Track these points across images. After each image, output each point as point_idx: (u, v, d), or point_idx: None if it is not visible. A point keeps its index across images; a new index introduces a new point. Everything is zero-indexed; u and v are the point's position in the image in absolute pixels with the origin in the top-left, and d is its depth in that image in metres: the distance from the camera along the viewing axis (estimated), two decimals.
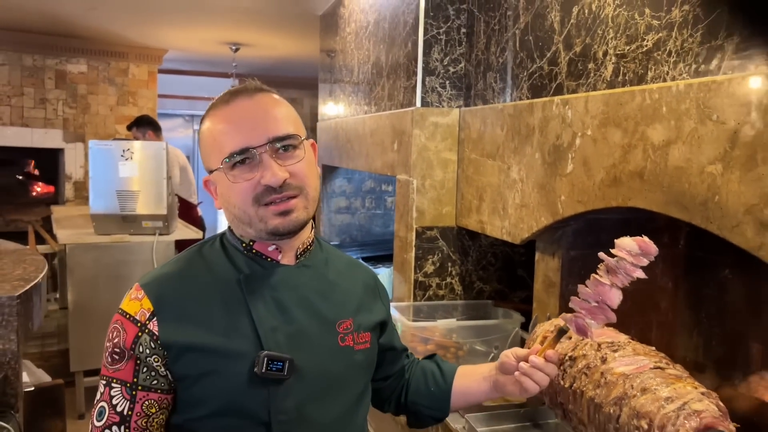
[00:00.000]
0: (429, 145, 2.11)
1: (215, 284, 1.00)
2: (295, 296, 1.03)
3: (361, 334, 1.08)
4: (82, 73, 5.59)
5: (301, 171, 0.99)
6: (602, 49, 1.40)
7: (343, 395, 1.05)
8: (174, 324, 0.96)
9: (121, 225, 3.62)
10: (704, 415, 0.98)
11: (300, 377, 0.97)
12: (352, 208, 3.70)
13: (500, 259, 2.26)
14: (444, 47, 2.12)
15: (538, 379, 1.07)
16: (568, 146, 1.50)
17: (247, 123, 0.97)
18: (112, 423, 0.94)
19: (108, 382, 0.96)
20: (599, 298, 1.03)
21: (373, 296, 1.17)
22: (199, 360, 0.95)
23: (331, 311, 1.05)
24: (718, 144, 1.05)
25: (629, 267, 1.01)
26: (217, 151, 0.98)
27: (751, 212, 0.99)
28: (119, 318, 0.98)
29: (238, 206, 0.98)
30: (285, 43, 5.22)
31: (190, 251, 1.07)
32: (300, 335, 1.00)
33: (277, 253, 1.04)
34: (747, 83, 0.99)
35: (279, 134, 0.97)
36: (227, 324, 0.97)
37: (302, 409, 0.98)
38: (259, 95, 1.00)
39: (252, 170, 0.96)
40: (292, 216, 0.98)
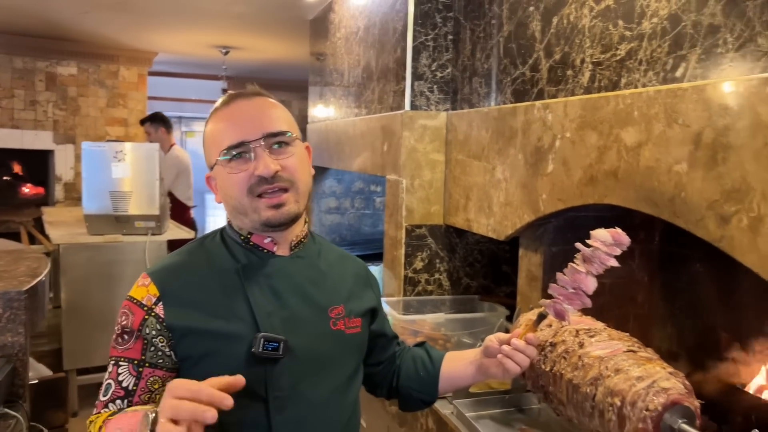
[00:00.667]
0: (418, 147, 2.21)
1: (215, 273, 1.09)
2: (289, 284, 1.11)
3: (353, 319, 1.16)
4: (72, 76, 5.62)
5: (293, 165, 1.07)
6: (580, 57, 1.50)
7: (335, 375, 1.13)
8: (178, 308, 1.04)
9: (114, 225, 3.67)
10: (671, 392, 1.08)
11: (294, 357, 1.06)
12: (341, 208, 3.78)
13: (486, 256, 2.35)
14: (432, 53, 2.22)
15: (519, 360, 1.16)
16: (548, 148, 1.59)
17: (244, 120, 1.06)
18: (117, 397, 1.02)
19: (116, 362, 1.04)
20: (576, 285, 1.13)
21: (364, 285, 1.25)
22: (200, 342, 1.03)
23: (323, 298, 1.14)
24: (684, 145, 1.15)
25: (603, 256, 1.10)
26: (216, 146, 1.07)
27: (713, 207, 1.09)
28: (128, 303, 1.06)
29: (234, 197, 1.07)
30: (275, 46, 5.29)
31: (192, 244, 1.16)
32: (293, 319, 1.08)
33: (272, 244, 1.12)
34: (708, 90, 1.10)
35: (273, 130, 1.06)
36: (226, 309, 1.05)
37: (296, 386, 1.06)
38: (256, 98, 1.11)
39: (247, 163, 1.05)
40: (284, 209, 1.06)
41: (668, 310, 1.92)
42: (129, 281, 3.68)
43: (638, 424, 1.07)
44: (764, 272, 0.99)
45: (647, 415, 1.06)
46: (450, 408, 1.64)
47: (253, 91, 1.12)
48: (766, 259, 0.99)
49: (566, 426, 1.53)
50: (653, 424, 1.06)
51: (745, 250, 1.02)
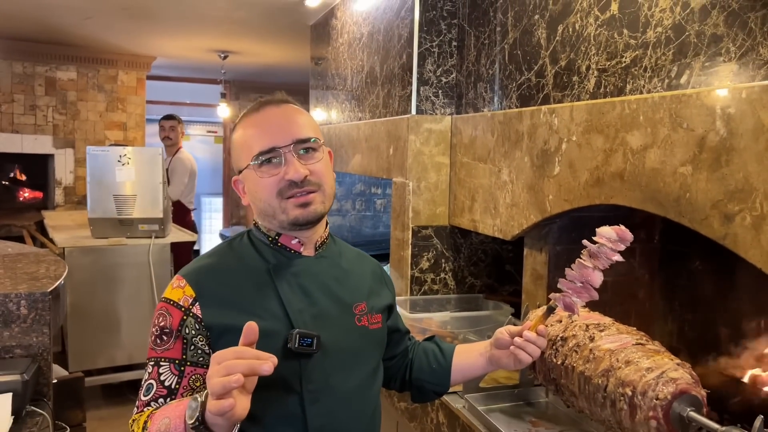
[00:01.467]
0: (423, 150, 2.27)
1: (247, 273, 1.14)
2: (316, 282, 1.16)
3: (374, 315, 1.22)
4: (71, 80, 5.65)
5: (320, 170, 1.13)
6: (585, 64, 1.57)
7: (361, 368, 1.19)
8: (214, 308, 1.08)
9: (118, 228, 3.71)
10: (679, 382, 1.14)
11: (325, 352, 1.11)
12: (342, 210, 3.84)
13: (490, 256, 2.41)
14: (437, 59, 2.28)
15: (530, 351, 1.23)
16: (555, 151, 1.66)
17: (275, 127, 1.12)
18: (159, 396, 1.05)
19: (156, 362, 1.07)
20: (583, 279, 1.20)
21: (381, 283, 1.31)
22: (237, 339, 1.04)
23: (348, 295, 1.19)
24: (688, 148, 1.22)
25: (609, 252, 1.17)
26: (247, 151, 1.13)
27: (717, 207, 1.16)
28: (164, 305, 1.10)
29: (263, 200, 1.12)
30: (274, 51, 5.34)
31: (221, 246, 1.21)
32: (322, 316, 1.14)
33: (299, 245, 1.17)
34: (712, 96, 1.16)
35: (302, 137, 1.12)
36: (260, 307, 1.10)
37: (328, 379, 1.12)
38: (285, 105, 1.16)
39: (277, 167, 1.10)
40: (311, 208, 1.12)
41: (668, 307, 1.99)
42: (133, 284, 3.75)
43: (649, 412, 1.13)
44: (767, 267, 1.06)
45: (657, 404, 1.13)
46: (461, 402, 1.70)
47: (281, 98, 1.18)
48: None
49: (574, 418, 1.59)
50: (663, 413, 1.12)
51: (749, 246, 1.09)
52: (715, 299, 1.79)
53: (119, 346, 3.70)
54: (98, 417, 3.56)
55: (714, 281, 1.79)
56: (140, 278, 3.69)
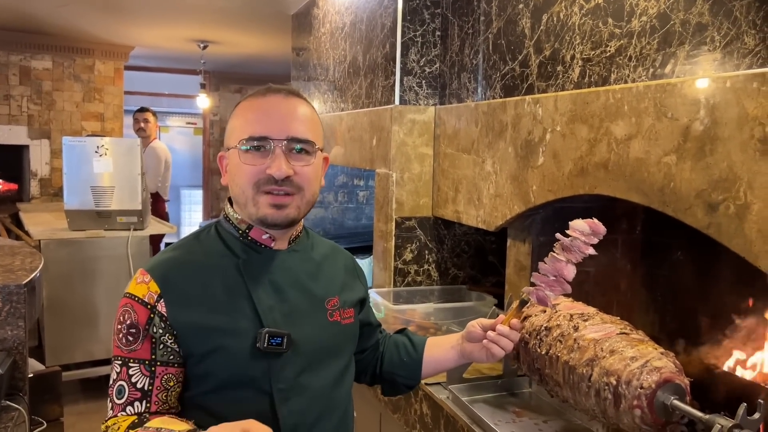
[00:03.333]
0: (407, 141, 2.25)
1: (215, 268, 1.09)
2: (288, 278, 1.13)
3: (347, 309, 1.20)
4: (46, 70, 5.53)
5: (306, 174, 1.09)
6: (570, 54, 1.56)
7: (333, 365, 1.16)
8: (180, 305, 1.04)
9: (96, 220, 3.65)
10: (663, 371, 1.14)
11: (296, 350, 1.08)
12: (325, 202, 3.81)
13: (473, 247, 2.41)
14: (420, 49, 2.26)
15: (504, 345, 1.22)
16: (539, 141, 1.65)
17: (274, 116, 1.08)
18: (134, 399, 1.02)
19: (125, 362, 1.03)
20: (556, 272, 1.20)
21: (353, 276, 1.29)
22: (205, 338, 1.04)
23: (320, 290, 1.17)
24: (673, 138, 1.22)
25: (582, 245, 1.17)
26: (239, 131, 1.08)
27: (701, 196, 1.16)
28: (128, 301, 1.05)
29: (239, 186, 1.08)
30: (255, 41, 5.28)
31: (187, 239, 1.16)
32: (294, 312, 1.11)
33: (270, 240, 1.14)
34: (696, 85, 1.16)
35: (298, 135, 1.08)
36: (229, 304, 1.06)
37: (298, 378, 1.09)
38: (293, 98, 1.11)
39: (263, 158, 1.06)
40: (284, 211, 1.08)
41: (650, 297, 2.00)
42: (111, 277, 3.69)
43: (633, 401, 1.13)
44: (750, 256, 1.06)
45: (642, 393, 1.13)
46: (445, 393, 1.70)
47: (292, 90, 1.13)
48: (752, 243, 1.05)
49: (558, 407, 1.60)
50: (647, 401, 1.13)
51: (732, 235, 1.09)
52: (696, 289, 1.81)
53: (97, 340, 3.64)
54: (76, 411, 3.50)
55: (695, 271, 1.81)
56: (119, 271, 3.64)
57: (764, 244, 1.03)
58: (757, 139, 1.04)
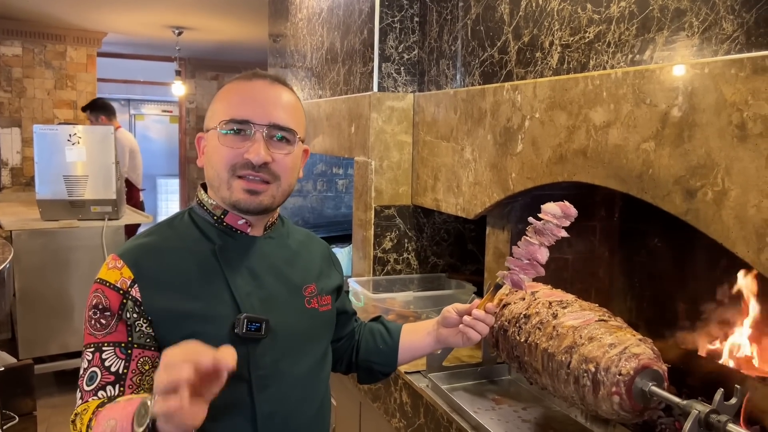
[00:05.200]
0: (386, 128, 2.23)
1: (190, 254, 1.07)
2: (265, 264, 1.12)
3: (324, 297, 1.19)
4: (16, 56, 5.40)
5: (284, 162, 1.07)
6: (548, 40, 1.55)
7: (311, 352, 1.15)
8: (154, 290, 1.02)
9: (69, 210, 3.58)
10: (642, 357, 1.15)
11: (274, 336, 1.07)
12: (303, 191, 3.78)
13: (452, 235, 2.40)
14: (398, 35, 2.24)
15: (479, 329, 1.23)
16: (518, 128, 1.64)
17: (258, 101, 1.06)
18: (107, 383, 0.98)
19: (98, 347, 1.00)
20: (530, 256, 1.20)
21: (329, 264, 1.28)
22: (180, 324, 1.01)
23: (297, 277, 1.16)
24: (651, 124, 1.21)
25: (554, 228, 1.17)
26: (221, 113, 1.06)
27: (679, 182, 1.16)
28: (100, 287, 1.02)
29: (215, 168, 1.06)
30: (231, 27, 5.20)
31: (160, 225, 1.13)
32: (271, 299, 1.10)
33: (246, 226, 1.12)
34: (675, 71, 1.16)
35: (280, 123, 1.06)
36: (205, 290, 1.05)
37: (277, 364, 1.08)
38: (279, 85, 1.10)
39: (242, 142, 1.04)
40: (258, 198, 1.06)
41: (628, 284, 2.01)
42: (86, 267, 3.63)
43: (612, 388, 1.14)
44: (728, 242, 1.07)
45: (620, 380, 1.13)
46: (425, 381, 1.69)
47: (279, 78, 1.12)
48: (729, 230, 1.06)
49: (536, 395, 1.60)
50: (626, 388, 1.13)
51: (710, 221, 1.09)
52: (673, 276, 1.82)
53: (72, 331, 3.59)
54: (51, 405, 3.45)
55: (672, 258, 1.82)
56: (93, 261, 3.58)
57: (741, 230, 1.04)
58: (735, 125, 1.04)
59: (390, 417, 1.90)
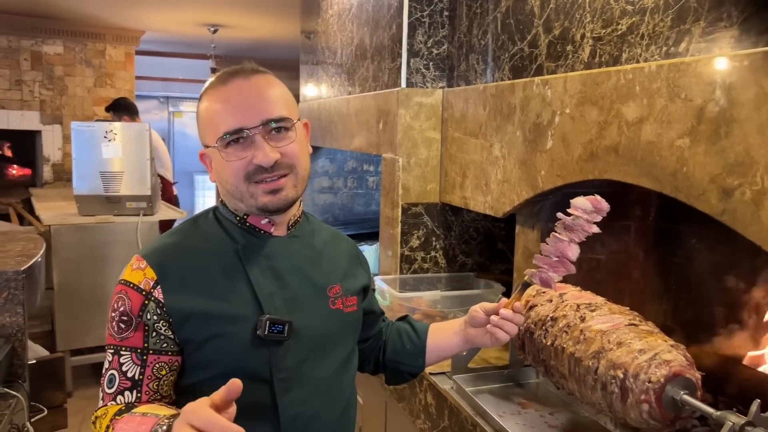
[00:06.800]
0: (414, 125, 2.20)
1: (213, 254, 1.07)
2: (289, 264, 1.10)
3: (349, 297, 1.17)
4: (58, 55, 5.53)
5: (293, 152, 1.05)
6: (580, 33, 1.50)
7: (335, 354, 1.13)
8: (177, 291, 1.01)
9: (105, 206, 3.65)
10: (673, 364, 1.09)
11: (297, 338, 1.05)
12: (334, 187, 3.77)
13: (481, 234, 2.36)
14: (428, 30, 2.20)
15: (508, 329, 1.19)
16: (547, 124, 1.59)
17: (243, 104, 1.02)
18: (124, 388, 1.00)
19: (116, 351, 1.01)
20: (559, 253, 1.15)
21: (356, 264, 1.25)
22: (203, 325, 1.01)
23: (322, 277, 1.14)
24: (686, 120, 1.15)
25: (585, 224, 1.12)
26: (213, 129, 1.03)
27: (715, 181, 1.10)
28: (123, 288, 1.02)
29: (230, 182, 1.05)
30: (264, 24, 5.23)
31: (185, 224, 1.13)
32: (295, 300, 1.08)
33: (269, 225, 1.11)
34: (712, 64, 1.10)
35: (273, 116, 1.03)
36: (228, 291, 1.04)
37: (300, 366, 1.06)
38: (255, 77, 1.05)
39: (245, 149, 1.02)
40: (282, 194, 1.04)
41: (663, 286, 1.94)
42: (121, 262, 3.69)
43: (641, 395, 1.09)
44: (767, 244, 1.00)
45: (650, 387, 1.08)
46: (449, 383, 1.66)
47: (251, 68, 1.07)
48: None
49: (564, 399, 1.55)
50: (656, 396, 1.08)
51: (748, 222, 1.03)
52: (712, 278, 1.75)
53: None
54: (87, 396, 3.53)
55: (711, 259, 1.74)
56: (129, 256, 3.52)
57: None
58: None
59: (415, 418, 1.87)
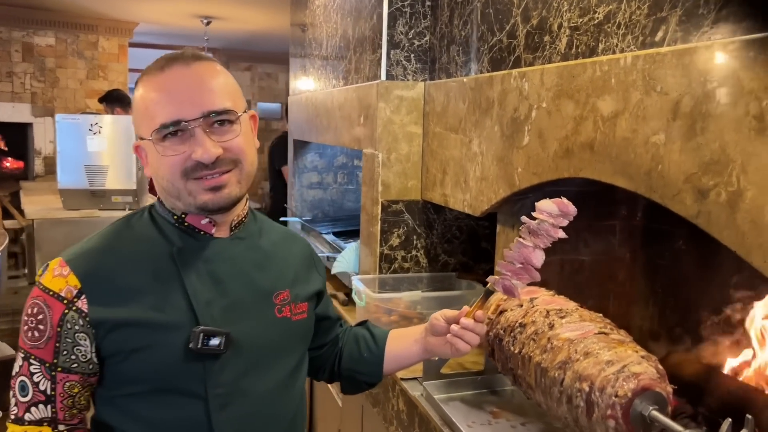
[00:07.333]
0: (394, 119, 2.12)
1: (145, 258, 0.98)
2: (230, 269, 1.02)
3: (299, 304, 1.09)
4: (50, 46, 5.48)
5: (237, 146, 0.97)
6: (557, 22, 1.42)
7: (281, 365, 1.05)
8: (103, 300, 0.94)
9: (91, 200, 3.59)
10: (642, 377, 1.02)
11: (237, 350, 0.97)
12: (324, 183, 3.70)
13: (465, 233, 2.28)
14: (409, 20, 2.12)
15: (468, 339, 1.11)
16: (524, 119, 1.51)
17: (181, 93, 0.94)
18: (38, 401, 0.93)
19: (27, 357, 0.94)
20: (523, 259, 1.08)
21: (309, 267, 1.17)
22: (130, 335, 0.93)
23: (268, 283, 1.05)
24: (662, 115, 1.07)
25: (550, 228, 1.05)
26: (148, 120, 0.96)
27: (690, 180, 1.02)
28: (41, 295, 0.94)
29: (166, 179, 0.97)
30: (258, 16, 5.15)
31: (117, 224, 1.05)
32: (235, 308, 1.00)
33: (210, 226, 1.02)
34: (688, 54, 1.02)
35: (214, 108, 0.95)
36: (160, 298, 0.96)
37: (239, 381, 0.98)
38: (196, 64, 0.98)
39: (183, 143, 0.94)
40: (224, 192, 0.97)
41: (650, 289, 1.86)
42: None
43: (607, 411, 1.01)
44: (742, 250, 0.93)
45: (616, 402, 1.00)
46: (420, 389, 1.59)
47: (192, 54, 0.99)
48: (744, 236, 0.92)
49: (539, 409, 1.48)
50: (622, 411, 1.00)
51: (722, 226, 0.95)
52: (699, 281, 1.67)
53: None
54: None
55: (699, 262, 1.66)
56: None
57: (757, 236, 0.89)
58: (753, 116, 0.90)
59: (388, 424, 1.80)
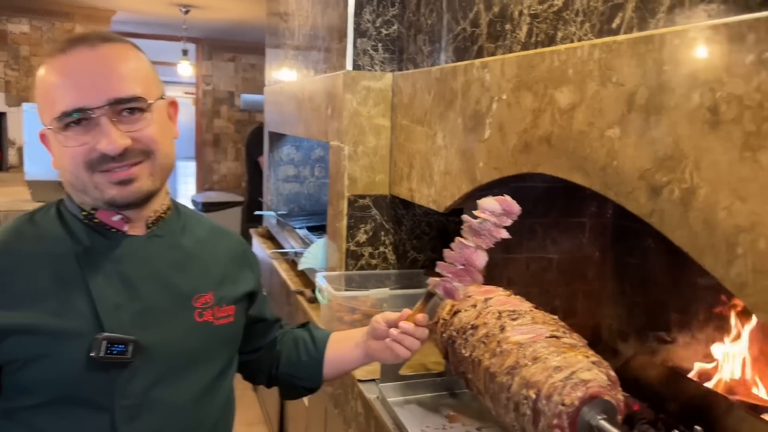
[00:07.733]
0: (361, 111, 2.05)
1: (47, 258, 0.91)
2: (145, 270, 0.95)
3: (223, 308, 1.01)
4: (24, 34, 5.35)
5: (149, 136, 0.90)
6: (518, 9, 1.35)
7: (200, 374, 0.98)
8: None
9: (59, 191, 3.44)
10: (591, 385, 0.96)
11: (148, 358, 0.91)
12: (300, 176, 3.63)
13: (434, 228, 2.22)
14: (376, 8, 2.05)
15: (408, 344, 1.05)
16: (486, 111, 1.45)
17: (85, 79, 0.87)
18: None
19: None
20: (465, 260, 1.02)
21: (240, 266, 1.10)
22: (27, 343, 0.86)
23: (188, 285, 0.98)
24: (617, 107, 1.02)
25: (493, 228, 1.00)
26: (49, 106, 0.88)
27: (644, 177, 0.96)
28: None
29: (70, 171, 0.89)
30: (237, 5, 5.05)
31: (18, 220, 0.97)
32: (148, 313, 0.93)
33: (122, 223, 0.95)
34: (642, 43, 0.96)
35: (122, 95, 0.88)
36: (61, 303, 0.88)
37: (150, 392, 0.91)
38: (103, 46, 0.90)
39: (87, 133, 0.87)
40: (133, 186, 0.90)
41: (619, 288, 1.81)
42: None
43: (553, 419, 0.96)
44: (695, 251, 0.87)
45: (563, 410, 0.95)
46: (375, 392, 1.53)
47: (100, 36, 0.92)
48: (697, 236, 0.86)
49: None
50: (569, 421, 0.95)
51: (675, 225, 0.90)
52: (669, 281, 1.62)
53: None
54: None
55: (669, 261, 1.62)
56: None
57: (710, 237, 0.84)
58: (707, 108, 0.84)
59: (347, 426, 1.75)
